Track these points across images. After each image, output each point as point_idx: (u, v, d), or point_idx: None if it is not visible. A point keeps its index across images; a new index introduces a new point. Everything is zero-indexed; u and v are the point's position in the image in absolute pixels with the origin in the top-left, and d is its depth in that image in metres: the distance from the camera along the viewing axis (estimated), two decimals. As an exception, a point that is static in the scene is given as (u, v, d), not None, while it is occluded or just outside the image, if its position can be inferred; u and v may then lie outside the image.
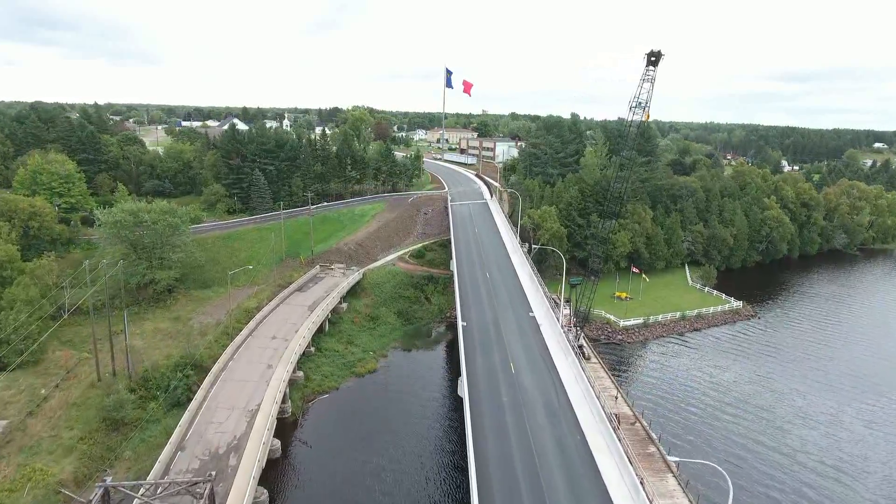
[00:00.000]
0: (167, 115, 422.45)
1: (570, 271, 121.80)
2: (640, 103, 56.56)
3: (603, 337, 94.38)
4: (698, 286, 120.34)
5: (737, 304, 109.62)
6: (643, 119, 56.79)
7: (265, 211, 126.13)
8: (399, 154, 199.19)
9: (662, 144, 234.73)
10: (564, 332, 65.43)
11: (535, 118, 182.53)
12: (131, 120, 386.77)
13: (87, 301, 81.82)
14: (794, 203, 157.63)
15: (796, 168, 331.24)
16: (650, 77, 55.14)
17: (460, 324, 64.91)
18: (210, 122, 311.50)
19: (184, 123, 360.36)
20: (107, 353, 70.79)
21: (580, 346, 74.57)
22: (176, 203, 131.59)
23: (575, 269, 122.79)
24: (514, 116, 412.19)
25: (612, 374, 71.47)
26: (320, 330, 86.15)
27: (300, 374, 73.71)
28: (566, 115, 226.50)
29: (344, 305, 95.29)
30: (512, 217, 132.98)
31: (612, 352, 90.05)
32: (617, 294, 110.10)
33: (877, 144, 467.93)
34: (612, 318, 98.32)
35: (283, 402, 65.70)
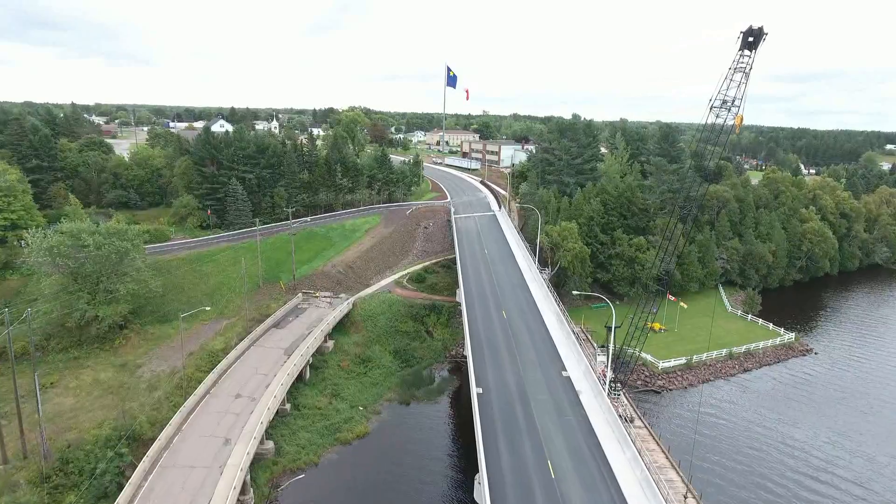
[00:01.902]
0: (155, 116, 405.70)
1: (591, 296, 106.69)
2: (725, 102, 40.91)
3: (640, 382, 78.87)
4: (739, 313, 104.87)
5: (789, 336, 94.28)
6: (733, 125, 40.90)
7: (243, 226, 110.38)
8: (397, 158, 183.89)
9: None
10: (608, 396, 50.08)
11: (547, 119, 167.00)
12: (117, 121, 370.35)
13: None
14: (834, 214, 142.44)
15: (812, 172, 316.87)
16: (744, 66, 39.54)
17: (475, 391, 49.38)
18: (197, 124, 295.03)
19: (172, 124, 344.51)
20: (28, 420, 55.30)
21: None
22: (143, 217, 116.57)
23: (597, 294, 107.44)
24: (516, 117, 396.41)
25: (653, 429, 56.44)
26: (300, 377, 70.69)
27: (269, 445, 58.10)
28: (566, 117, 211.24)
29: (329, 344, 79.74)
30: (523, 230, 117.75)
31: (653, 402, 74.66)
32: (650, 325, 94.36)
33: (889, 146, 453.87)
34: (650, 357, 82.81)
35: (244, 492, 50.20)
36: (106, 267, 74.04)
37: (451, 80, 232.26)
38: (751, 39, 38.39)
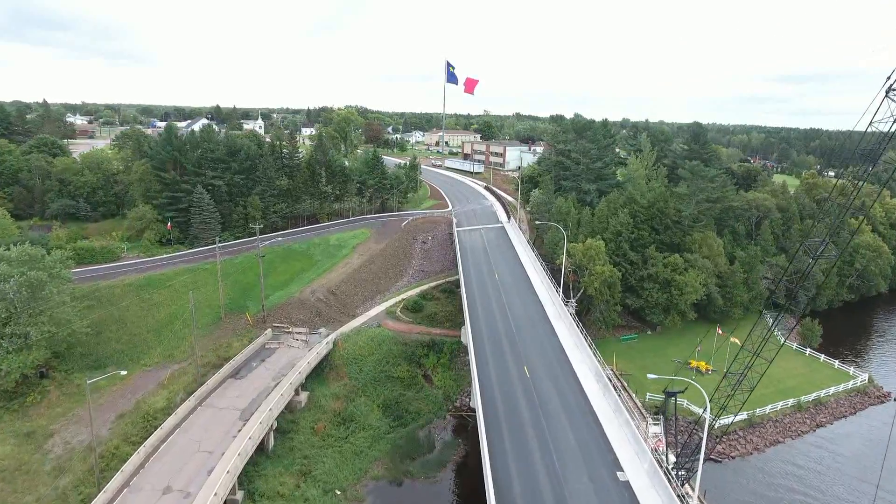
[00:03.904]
0: (143, 115, 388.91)
1: (619, 325, 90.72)
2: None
3: (693, 447, 62.57)
4: (795, 346, 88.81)
5: (861, 378, 78.39)
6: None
7: (211, 241, 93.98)
8: (393, 160, 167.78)
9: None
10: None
11: (558, 118, 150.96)
12: (101, 120, 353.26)
13: None
14: (884, 224, 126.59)
15: (831, 174, 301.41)
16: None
17: (495, 512, 33.14)
18: (181, 124, 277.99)
19: (159, 123, 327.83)
20: None
21: (684, 496, 43.71)
22: (94, 230, 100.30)
23: (626, 322, 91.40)
24: (518, 117, 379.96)
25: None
26: (260, 447, 54.58)
27: (205, 566, 41.84)
28: (567, 117, 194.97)
29: (302, 397, 63.61)
30: (536, 244, 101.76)
31: (713, 477, 58.42)
32: (692, 364, 78.58)
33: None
34: (704, 413, 66.52)
35: None
36: (14, 304, 57.83)
37: (452, 76, 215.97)
38: None
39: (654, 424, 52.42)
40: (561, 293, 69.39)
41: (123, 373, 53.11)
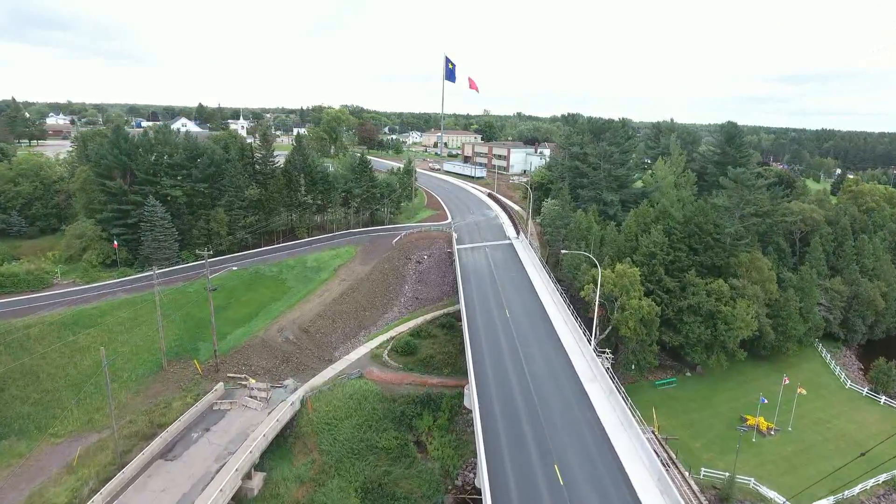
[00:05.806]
0: (128, 115, 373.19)
1: (655, 366, 75.69)
2: None
3: (769, 548, 47.62)
4: (865, 391, 73.87)
5: (959, 438, 63.18)
6: None
7: (166, 262, 79.21)
8: (388, 164, 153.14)
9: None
10: None
11: (570, 117, 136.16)
12: (84, 120, 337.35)
13: None
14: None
15: (849, 177, 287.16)
16: None
17: None
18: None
19: (145, 124, 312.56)
20: None
21: None
22: (29, 248, 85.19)
23: (660, 361, 76.16)
24: (521, 117, 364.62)
25: None
26: (191, 565, 39.38)
27: None
28: (576, 116, 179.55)
29: (256, 482, 48.43)
30: (548, 263, 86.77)
31: None
32: (749, 421, 63.53)
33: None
34: (775, 497, 51.50)
35: None
36: None
37: (451, 74, 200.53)
38: None
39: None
40: (593, 343, 54.26)
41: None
